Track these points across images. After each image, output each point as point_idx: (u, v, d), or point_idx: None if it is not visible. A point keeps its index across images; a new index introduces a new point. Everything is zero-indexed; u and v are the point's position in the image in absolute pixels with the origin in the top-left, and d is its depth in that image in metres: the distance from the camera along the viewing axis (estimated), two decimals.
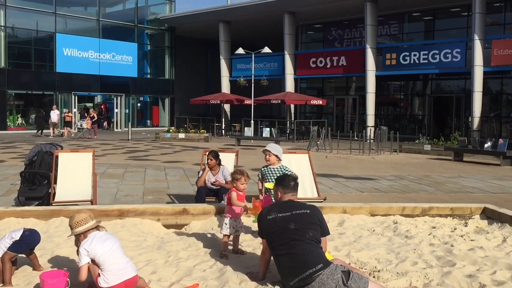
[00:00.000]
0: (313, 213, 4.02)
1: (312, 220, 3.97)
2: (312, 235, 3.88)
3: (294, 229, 3.87)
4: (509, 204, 8.45)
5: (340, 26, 30.68)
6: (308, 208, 4.05)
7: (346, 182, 10.91)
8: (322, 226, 4.02)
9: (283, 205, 4.10)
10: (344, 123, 30.19)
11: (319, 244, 3.91)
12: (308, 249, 3.77)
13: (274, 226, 3.94)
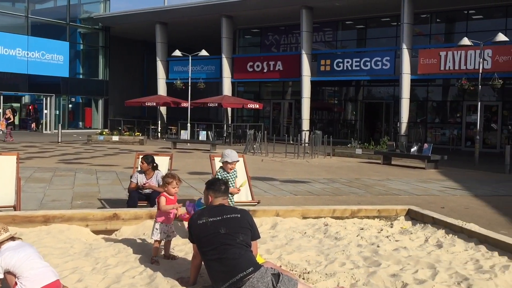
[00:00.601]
0: (244, 217, 4.04)
1: (243, 224, 3.98)
2: (243, 239, 3.89)
3: (225, 233, 3.88)
4: (432, 205, 8.93)
5: (277, 32, 31.17)
6: (239, 213, 4.07)
7: (280, 185, 11.07)
8: (252, 230, 4.03)
9: (214, 209, 4.10)
10: (280, 127, 30.65)
11: (250, 248, 3.93)
12: (238, 253, 3.79)
13: (205, 230, 3.93)
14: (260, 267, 3.76)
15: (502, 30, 19.83)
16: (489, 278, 4.54)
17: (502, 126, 23.13)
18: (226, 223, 3.94)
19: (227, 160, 5.65)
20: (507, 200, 9.98)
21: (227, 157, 5.65)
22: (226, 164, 5.68)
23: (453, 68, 21.75)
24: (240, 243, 3.86)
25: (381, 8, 25.01)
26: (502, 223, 7.84)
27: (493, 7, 23.41)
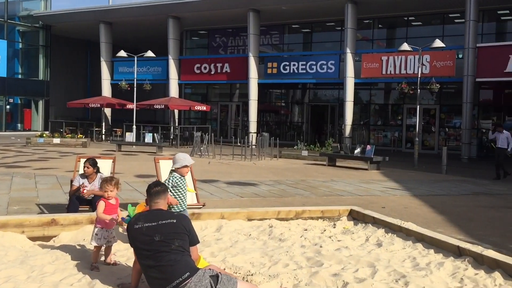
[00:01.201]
0: (180, 223, 3.96)
1: (179, 230, 3.91)
2: (179, 244, 3.84)
3: (159, 240, 3.81)
4: (373, 205, 9.20)
5: (224, 34, 31.16)
6: (175, 218, 4.00)
7: (227, 188, 11.05)
8: (190, 235, 3.97)
9: (151, 214, 4.04)
10: (227, 129, 30.64)
11: (188, 252, 3.90)
12: (174, 259, 3.75)
13: (140, 236, 3.87)
14: (197, 271, 3.74)
15: (439, 37, 20.76)
16: (425, 275, 4.74)
17: (440, 128, 24.19)
18: (161, 229, 3.88)
19: (186, 164, 5.42)
20: (444, 200, 10.44)
21: (184, 160, 5.43)
22: (183, 168, 5.44)
23: (394, 73, 22.54)
24: (176, 249, 3.81)
25: (326, 13, 25.55)
26: (438, 221, 8.18)
27: (431, 14, 24.47)
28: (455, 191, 11.71)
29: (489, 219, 8.50)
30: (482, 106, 23.84)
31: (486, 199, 10.67)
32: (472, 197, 10.93)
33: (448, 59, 21.27)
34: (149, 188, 4.17)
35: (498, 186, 12.85)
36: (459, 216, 8.67)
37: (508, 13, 23.45)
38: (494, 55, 20.27)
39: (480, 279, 4.67)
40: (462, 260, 5.15)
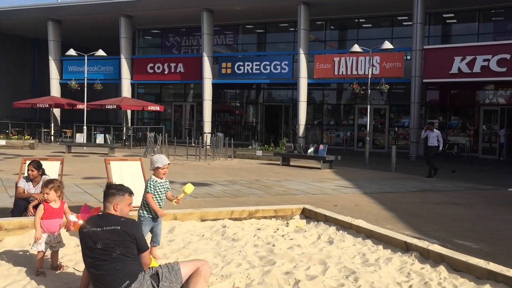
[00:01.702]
0: (124, 229, 3.76)
1: (123, 237, 3.73)
2: (121, 252, 3.69)
3: (101, 248, 3.69)
4: (325, 204, 9.36)
5: (178, 33, 30.87)
6: (120, 224, 3.79)
7: (180, 188, 10.91)
8: (137, 242, 3.78)
9: (100, 218, 3.91)
10: (182, 129, 30.37)
11: (134, 258, 3.76)
12: (114, 269, 3.63)
13: (87, 240, 3.77)
14: (137, 276, 3.65)
15: (389, 39, 21.40)
16: (374, 271, 4.86)
17: (389, 128, 24.91)
18: (104, 235, 3.73)
19: (158, 166, 5.16)
20: (393, 197, 10.76)
21: (157, 162, 5.17)
22: (158, 170, 5.18)
23: (346, 73, 23.03)
24: (118, 257, 3.68)
25: (279, 14, 25.79)
26: (388, 218, 8.42)
27: (380, 16, 25.16)
28: (403, 189, 12.10)
29: (435, 215, 8.83)
30: (429, 106, 24.74)
31: (432, 196, 11.08)
32: (419, 194, 11.32)
33: (397, 61, 21.93)
34: (105, 188, 4.04)
35: (444, 183, 13.37)
36: (407, 212, 8.96)
37: (452, 16, 24.44)
38: (440, 57, 21.09)
39: (426, 273, 4.84)
40: (409, 255, 5.31)
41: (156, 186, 5.18)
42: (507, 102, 22.95)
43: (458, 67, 20.39)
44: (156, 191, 5.18)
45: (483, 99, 23.48)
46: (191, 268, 3.85)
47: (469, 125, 23.81)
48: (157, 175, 5.20)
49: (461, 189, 12.24)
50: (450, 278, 4.69)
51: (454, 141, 23.48)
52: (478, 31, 23.40)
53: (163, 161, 5.20)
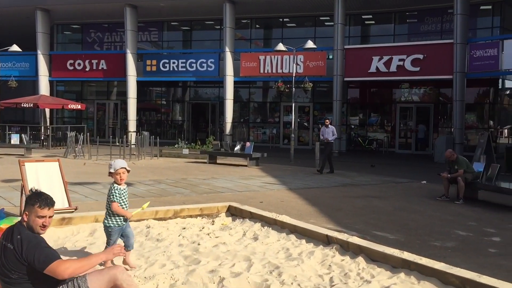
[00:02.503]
0: (17, 250, 3.29)
1: (16, 258, 3.30)
2: (18, 276, 3.29)
3: (1, 264, 3.33)
4: (251, 201, 9.46)
5: (100, 29, 29.82)
6: (13, 243, 3.31)
7: (103, 190, 10.60)
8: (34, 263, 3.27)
9: (10, 230, 3.48)
10: (105, 128, 29.39)
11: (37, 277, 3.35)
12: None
13: None
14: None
15: (312, 38, 21.98)
16: (297, 265, 4.99)
17: (313, 125, 25.62)
18: (3, 252, 3.35)
19: (110, 171, 4.83)
20: (316, 192, 11.08)
21: (110, 167, 4.84)
22: (114, 176, 4.82)
23: (271, 71, 23.39)
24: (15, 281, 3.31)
25: (205, 11, 25.67)
26: (311, 213, 8.67)
27: (304, 16, 25.78)
28: (326, 183, 12.50)
29: (355, 208, 9.21)
30: (351, 104, 25.73)
31: (353, 190, 11.55)
32: (341, 188, 11.75)
33: (319, 60, 22.58)
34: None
35: (363, 177, 13.97)
36: (330, 206, 9.27)
37: (371, 17, 25.56)
38: (360, 56, 22.01)
39: (346, 265, 5.04)
40: (330, 248, 5.51)
41: (121, 193, 4.86)
42: (421, 100, 24.39)
43: (376, 67, 21.38)
44: (121, 199, 4.87)
45: (399, 97, 24.79)
46: (103, 280, 3.43)
47: (386, 121, 25.06)
48: (116, 181, 4.85)
49: (379, 183, 12.86)
50: (368, 268, 4.92)
51: (374, 137, 24.61)
52: (394, 32, 24.66)
53: (116, 165, 4.83)
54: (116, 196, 4.82)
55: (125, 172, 4.86)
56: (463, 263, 5.61)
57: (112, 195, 4.82)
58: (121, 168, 4.82)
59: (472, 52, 19.73)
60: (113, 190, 4.82)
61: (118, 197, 4.84)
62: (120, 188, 4.86)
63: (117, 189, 4.84)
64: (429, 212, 8.96)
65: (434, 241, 6.79)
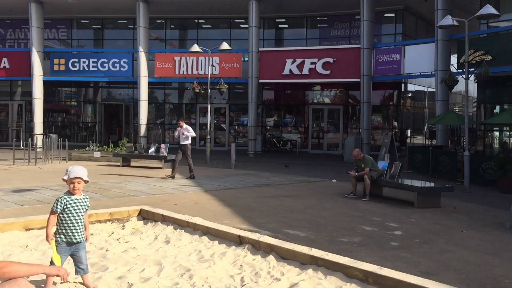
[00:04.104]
0: None
1: None
2: None
3: None
4: (165, 203, 9.31)
5: (2, 25, 27.90)
6: None
7: (4, 196, 9.91)
8: None
9: None
10: (8, 131, 27.51)
11: None
12: None
13: None
14: None
15: (227, 40, 22.09)
16: (209, 266, 4.98)
17: (230, 126, 25.77)
18: None
19: (63, 178, 4.33)
20: (231, 193, 11.14)
21: (64, 174, 4.34)
22: (68, 184, 4.33)
23: (187, 73, 23.21)
24: None
25: (118, 10, 24.91)
26: (226, 214, 8.69)
27: (219, 18, 25.86)
28: (241, 184, 12.61)
29: (269, 208, 9.37)
30: (266, 105, 26.19)
31: (267, 190, 11.75)
32: (256, 189, 11.91)
33: (235, 61, 22.77)
34: None
35: (278, 177, 14.27)
36: (244, 207, 9.35)
37: (284, 21, 26.20)
38: (274, 59, 22.48)
39: (257, 264, 5.11)
40: (242, 248, 5.56)
41: (72, 204, 4.30)
42: (332, 102, 25.40)
43: (289, 69, 21.96)
44: (73, 210, 4.30)
45: (311, 99, 25.64)
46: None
47: (300, 122, 25.81)
48: (69, 190, 4.35)
49: (292, 182, 13.20)
50: (278, 266, 5.02)
51: (288, 138, 25.23)
52: (306, 36, 25.47)
53: (70, 173, 4.31)
54: (58, 206, 4.26)
55: (81, 182, 4.32)
56: (368, 256, 5.91)
57: (53, 204, 4.30)
58: (76, 178, 4.29)
59: (377, 56, 20.88)
60: (58, 199, 4.30)
61: (59, 208, 4.26)
62: (72, 199, 4.31)
63: (63, 199, 4.30)
64: (338, 209, 9.34)
65: (342, 237, 7.09)
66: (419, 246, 6.67)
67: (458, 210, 9.71)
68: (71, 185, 4.31)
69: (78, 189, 4.32)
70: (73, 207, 4.31)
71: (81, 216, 4.36)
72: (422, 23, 24.96)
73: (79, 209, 4.34)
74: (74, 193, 4.34)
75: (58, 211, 4.27)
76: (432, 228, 7.94)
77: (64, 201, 4.29)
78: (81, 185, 4.34)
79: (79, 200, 4.36)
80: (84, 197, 4.43)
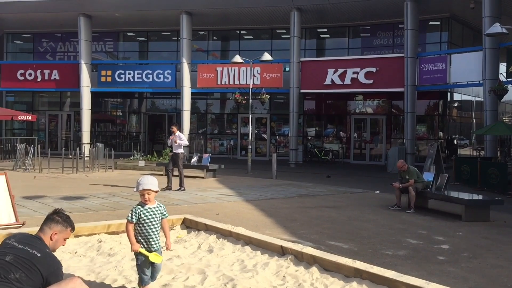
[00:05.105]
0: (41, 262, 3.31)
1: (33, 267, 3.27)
2: (19, 277, 3.21)
3: (7, 262, 3.24)
4: (208, 213, 9.40)
5: (52, 38, 29.09)
6: (41, 253, 3.35)
7: (53, 204, 10.27)
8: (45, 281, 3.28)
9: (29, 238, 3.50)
10: (58, 140, 28.56)
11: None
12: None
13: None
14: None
15: (268, 50, 22.22)
16: (252, 276, 4.97)
17: (271, 136, 25.81)
18: (19, 253, 3.32)
19: (134, 190, 4.42)
20: (273, 203, 11.14)
21: (139, 184, 4.37)
22: (141, 195, 4.39)
23: (228, 83, 23.46)
24: (11, 280, 3.20)
25: (162, 22, 25.52)
26: (267, 224, 8.69)
27: (260, 29, 26.06)
28: (283, 194, 12.58)
29: (310, 218, 9.30)
30: (307, 115, 26.10)
31: (308, 200, 11.67)
32: (297, 199, 11.86)
33: (276, 72, 22.84)
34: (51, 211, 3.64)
35: (319, 188, 14.15)
36: (285, 217, 9.32)
37: (326, 31, 26.11)
38: (315, 69, 22.42)
39: (300, 275, 5.07)
40: (285, 258, 5.53)
41: (146, 214, 4.35)
42: (374, 112, 25.05)
43: (331, 79, 21.82)
44: (148, 220, 4.37)
45: (353, 108, 25.36)
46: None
47: (342, 133, 25.56)
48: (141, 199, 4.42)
49: (334, 193, 13.05)
50: (321, 278, 4.96)
51: (329, 148, 25.02)
52: (348, 45, 25.27)
53: (138, 185, 4.35)
54: (133, 216, 4.33)
55: (151, 193, 4.37)
56: (413, 270, 5.76)
57: (129, 214, 4.37)
58: (145, 190, 4.34)
59: (422, 66, 20.46)
60: (132, 209, 4.39)
61: (135, 218, 4.33)
62: (145, 208, 4.35)
63: (137, 209, 4.36)
64: (382, 221, 9.17)
65: (386, 250, 6.94)
66: (468, 261, 6.45)
67: (508, 224, 9.34)
68: (142, 197, 4.37)
69: (149, 199, 4.37)
70: (147, 216, 4.36)
71: (156, 225, 4.41)
72: (469, 31, 24.31)
73: (153, 218, 4.39)
74: (146, 204, 4.39)
75: (133, 221, 4.35)
76: (481, 242, 7.67)
77: (138, 211, 4.34)
78: (151, 196, 4.39)
79: (153, 209, 4.40)
80: (158, 205, 4.46)
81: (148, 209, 4.38)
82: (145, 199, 4.36)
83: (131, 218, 4.35)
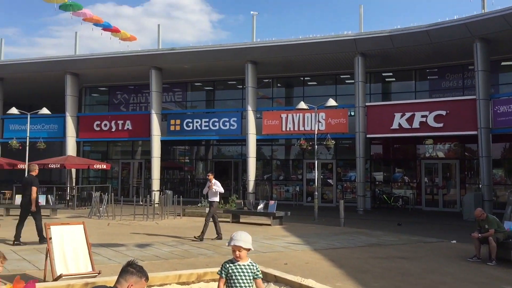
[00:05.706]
0: None
1: None
2: None
3: None
4: (276, 262, 9.26)
5: (125, 90, 30.80)
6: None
7: (126, 251, 10.56)
8: None
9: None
10: (129, 187, 29.67)
11: None
12: None
13: None
14: None
15: (333, 96, 22.26)
16: None
17: (337, 182, 25.40)
18: None
19: (235, 244, 4.22)
20: (342, 252, 10.81)
21: (231, 240, 4.26)
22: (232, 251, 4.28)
23: (293, 129, 23.55)
24: None
25: (227, 72, 26.37)
26: (337, 275, 8.41)
27: (324, 75, 26.22)
28: (352, 243, 12.20)
29: (383, 270, 8.90)
30: (374, 160, 25.54)
31: (379, 250, 11.22)
32: (367, 249, 11.43)
33: (341, 117, 22.71)
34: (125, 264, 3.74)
35: (390, 236, 13.60)
36: (356, 268, 8.99)
37: (391, 75, 25.82)
38: (381, 113, 22.05)
39: None
40: None
41: (234, 271, 4.22)
42: (446, 156, 24.08)
43: (398, 123, 21.34)
44: (229, 276, 4.23)
45: (423, 152, 24.54)
46: None
47: (411, 177, 24.69)
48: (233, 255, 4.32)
49: (406, 243, 12.48)
50: None
51: (399, 193, 24.18)
52: (415, 88, 24.78)
53: (231, 240, 4.24)
54: (223, 272, 4.25)
55: (242, 250, 4.20)
56: None
57: (219, 269, 4.31)
58: (235, 246, 4.21)
59: (495, 107, 19.59)
60: (222, 265, 4.29)
61: (224, 273, 4.24)
62: (235, 265, 4.22)
63: (227, 264, 4.27)
64: (461, 274, 8.60)
65: None
66: None
67: None
68: (233, 253, 4.26)
69: (239, 256, 4.23)
70: (235, 273, 4.23)
71: (245, 282, 4.23)
72: None
73: (244, 276, 4.23)
74: (237, 260, 4.26)
75: (222, 276, 4.26)
76: None
77: (227, 267, 4.25)
78: (242, 253, 4.23)
79: (243, 267, 4.24)
80: (250, 263, 4.29)
81: (238, 265, 4.24)
82: (236, 256, 4.24)
83: (220, 273, 4.29)
